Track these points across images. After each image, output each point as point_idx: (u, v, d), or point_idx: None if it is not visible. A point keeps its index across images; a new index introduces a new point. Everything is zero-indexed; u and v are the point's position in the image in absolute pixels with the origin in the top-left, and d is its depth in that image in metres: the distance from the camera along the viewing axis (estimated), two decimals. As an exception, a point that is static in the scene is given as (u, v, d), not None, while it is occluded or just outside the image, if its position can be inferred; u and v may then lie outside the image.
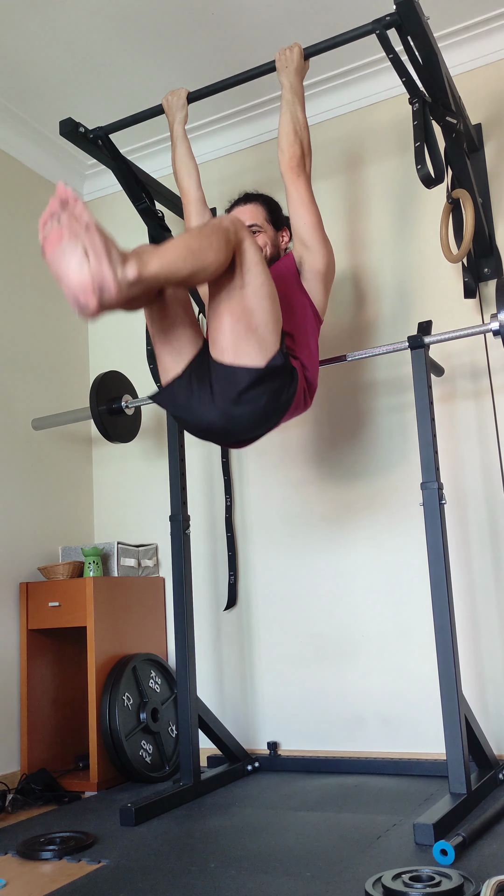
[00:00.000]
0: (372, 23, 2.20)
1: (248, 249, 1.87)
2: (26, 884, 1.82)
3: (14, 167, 3.26)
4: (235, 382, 1.90)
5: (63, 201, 1.53)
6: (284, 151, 2.28)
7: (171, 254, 1.65)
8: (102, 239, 1.50)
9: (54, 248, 1.51)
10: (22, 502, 3.05)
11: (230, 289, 1.87)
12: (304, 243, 2.27)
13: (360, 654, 2.83)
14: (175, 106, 2.53)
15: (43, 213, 1.54)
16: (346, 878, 1.70)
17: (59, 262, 1.51)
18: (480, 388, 2.75)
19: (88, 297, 1.50)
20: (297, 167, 2.27)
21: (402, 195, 2.99)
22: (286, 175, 2.28)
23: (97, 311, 1.52)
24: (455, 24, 2.81)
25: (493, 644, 2.63)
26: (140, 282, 1.56)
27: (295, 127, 2.28)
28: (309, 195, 2.27)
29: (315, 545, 2.96)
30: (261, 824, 2.15)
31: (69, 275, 1.50)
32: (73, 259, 1.49)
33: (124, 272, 1.52)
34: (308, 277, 2.27)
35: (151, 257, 1.60)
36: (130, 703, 2.80)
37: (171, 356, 1.99)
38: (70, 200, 1.52)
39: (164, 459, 3.13)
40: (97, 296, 1.50)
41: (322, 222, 2.29)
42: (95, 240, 1.50)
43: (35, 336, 3.25)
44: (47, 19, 2.68)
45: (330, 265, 2.30)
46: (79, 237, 1.50)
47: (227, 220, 1.84)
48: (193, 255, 1.71)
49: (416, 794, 2.36)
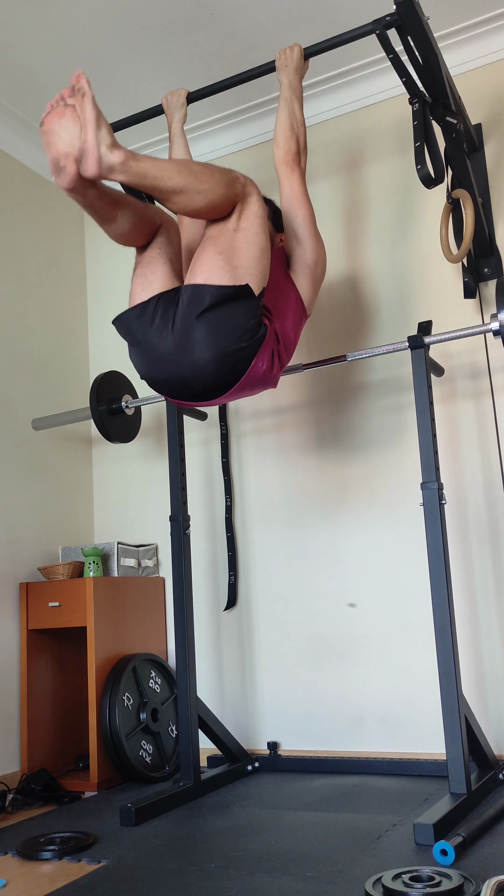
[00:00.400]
0: (372, 23, 2.20)
1: (254, 203, 1.87)
2: (26, 884, 1.82)
3: (14, 167, 3.26)
4: (200, 300, 1.81)
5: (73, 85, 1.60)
6: (280, 146, 2.28)
7: (166, 162, 1.70)
8: (96, 113, 1.58)
9: (53, 119, 1.60)
10: (22, 502, 3.05)
11: (222, 228, 1.86)
12: (296, 237, 2.24)
13: (361, 654, 2.83)
14: (174, 105, 2.54)
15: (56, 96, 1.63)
16: (347, 878, 1.70)
17: (53, 130, 1.60)
18: (480, 388, 2.75)
19: (68, 162, 1.57)
20: (292, 162, 2.26)
21: (402, 195, 2.99)
22: (280, 170, 2.27)
23: (74, 179, 1.59)
24: (455, 25, 2.81)
25: (493, 644, 2.63)
26: (125, 170, 1.62)
27: (292, 123, 2.28)
28: (302, 190, 2.26)
29: (315, 545, 2.96)
30: (261, 824, 2.15)
31: (57, 142, 1.59)
32: (66, 131, 1.58)
33: (110, 152, 1.59)
34: (296, 270, 2.24)
35: (145, 157, 1.66)
36: (130, 703, 2.80)
37: (142, 285, 1.93)
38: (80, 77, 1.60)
39: (164, 459, 3.13)
40: (77, 163, 1.57)
41: (315, 218, 2.27)
42: (88, 109, 1.57)
43: (35, 336, 3.25)
44: (47, 19, 2.68)
45: (319, 261, 2.27)
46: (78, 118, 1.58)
47: (242, 175, 1.85)
48: (190, 172, 1.73)
49: (416, 794, 2.36)
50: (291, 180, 2.25)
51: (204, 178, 1.75)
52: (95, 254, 3.59)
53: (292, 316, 2.17)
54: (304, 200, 2.25)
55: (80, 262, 3.60)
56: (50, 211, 3.44)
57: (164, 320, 1.87)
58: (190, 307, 1.83)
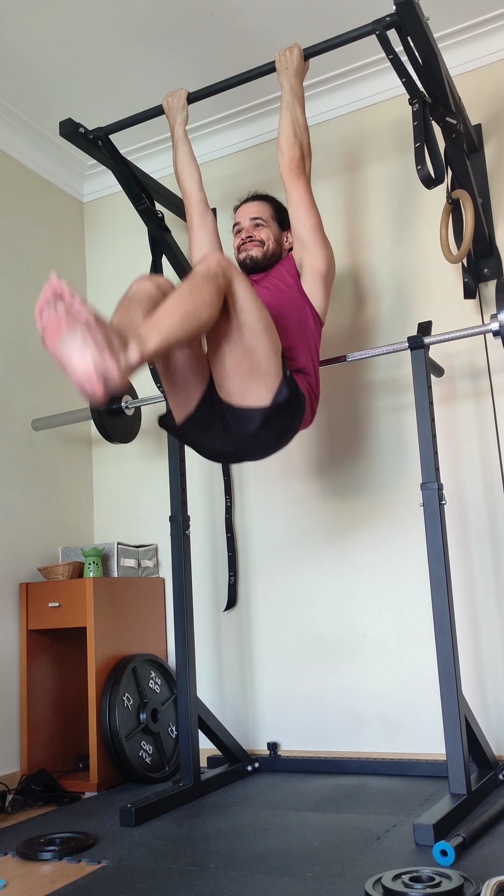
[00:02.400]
0: (372, 23, 2.20)
1: (239, 288, 1.88)
2: (26, 884, 1.82)
3: (14, 168, 3.26)
4: (249, 422, 1.96)
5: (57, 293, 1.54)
6: (284, 153, 2.29)
7: (167, 323, 1.68)
8: (103, 331, 1.53)
9: (55, 338, 1.53)
10: (22, 503, 3.05)
11: (227, 331, 1.90)
12: (304, 244, 2.28)
13: (360, 655, 2.83)
14: (175, 107, 2.54)
15: (39, 301, 1.55)
16: (346, 878, 1.70)
17: (62, 352, 1.53)
18: (480, 388, 2.75)
19: (94, 385, 1.52)
20: (297, 169, 2.27)
21: (402, 196, 2.99)
22: (286, 177, 2.29)
23: (104, 396, 1.55)
24: (455, 25, 2.81)
25: (493, 644, 2.63)
26: (143, 359, 1.61)
27: (295, 128, 2.29)
28: (309, 196, 2.28)
29: (315, 545, 2.96)
30: (261, 825, 2.15)
31: (73, 366, 1.52)
32: (75, 350, 1.52)
33: (127, 358, 1.56)
34: (308, 279, 2.28)
35: (150, 333, 1.63)
36: (130, 704, 2.80)
37: (181, 397, 2.03)
38: (65, 295, 1.53)
39: (164, 460, 3.13)
40: (102, 384, 1.52)
41: (322, 224, 2.29)
42: (96, 334, 1.52)
43: (35, 337, 3.25)
44: (47, 19, 2.68)
45: (330, 266, 2.31)
46: (77, 326, 1.52)
47: (214, 262, 1.84)
48: (189, 319, 1.73)
49: (416, 794, 2.36)
50: (298, 187, 2.27)
51: (201, 311, 1.76)
52: (95, 254, 3.59)
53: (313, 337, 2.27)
54: (311, 207, 2.28)
55: (80, 262, 3.60)
56: (50, 211, 3.44)
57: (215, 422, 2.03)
58: (242, 425, 1.98)
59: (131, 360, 1.57)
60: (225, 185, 3.28)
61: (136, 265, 3.38)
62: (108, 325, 1.56)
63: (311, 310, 2.27)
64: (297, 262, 2.31)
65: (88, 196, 3.64)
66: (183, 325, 1.71)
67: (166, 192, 3.01)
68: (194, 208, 2.50)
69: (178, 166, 2.53)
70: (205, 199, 2.51)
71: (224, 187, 3.27)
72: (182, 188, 2.53)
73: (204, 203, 2.51)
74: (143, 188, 2.81)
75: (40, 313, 1.55)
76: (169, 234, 2.93)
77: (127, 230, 3.45)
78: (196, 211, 2.49)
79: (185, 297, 1.75)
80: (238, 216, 2.49)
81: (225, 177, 3.31)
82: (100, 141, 2.64)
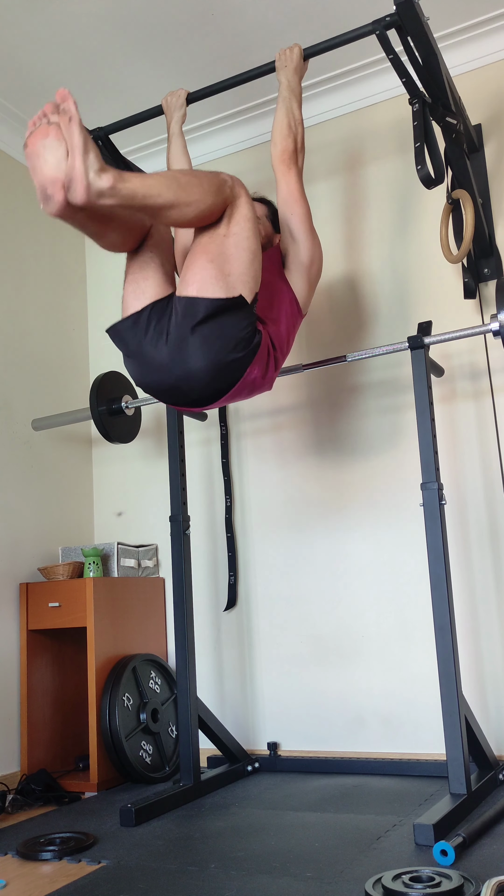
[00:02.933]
0: (372, 23, 2.20)
1: (243, 205, 1.84)
2: (26, 884, 1.82)
3: (14, 168, 3.26)
4: (193, 313, 1.82)
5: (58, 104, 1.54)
6: (277, 144, 2.27)
7: (153, 178, 1.65)
8: (83, 138, 1.52)
9: (37, 140, 1.54)
10: (22, 503, 3.05)
11: (213, 234, 1.84)
12: (292, 235, 2.24)
13: (361, 655, 2.83)
14: (174, 105, 2.54)
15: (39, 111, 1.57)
16: (347, 878, 1.70)
17: (38, 153, 1.53)
18: (480, 388, 2.75)
19: (56, 189, 1.52)
20: (290, 160, 2.26)
21: (401, 196, 2.99)
22: (278, 168, 2.27)
23: (62, 206, 1.54)
24: (455, 25, 2.81)
25: (493, 644, 2.63)
26: (113, 194, 1.57)
27: (290, 121, 2.28)
28: (299, 189, 2.26)
29: (315, 545, 2.96)
30: (261, 825, 2.15)
31: (43, 166, 1.53)
32: (51, 154, 1.51)
33: (98, 177, 1.54)
34: (291, 269, 2.24)
35: (132, 177, 1.61)
36: (130, 704, 2.80)
37: (134, 294, 1.92)
38: (66, 98, 1.53)
39: (164, 460, 3.13)
40: (64, 191, 1.52)
41: (311, 217, 2.26)
42: (76, 134, 1.51)
43: (35, 336, 3.25)
44: (47, 19, 2.68)
45: (315, 259, 2.26)
46: (63, 137, 1.52)
47: (229, 175, 1.82)
48: (178, 186, 1.69)
49: (416, 794, 2.36)
50: (288, 179, 2.25)
51: (192, 188, 1.72)
52: (95, 254, 3.59)
53: (286, 318, 2.17)
54: (301, 199, 2.25)
55: (80, 262, 3.60)
56: (50, 211, 3.44)
57: (158, 331, 1.87)
58: (184, 319, 1.83)
59: (102, 183, 1.54)
60: (225, 185, 3.28)
61: (136, 265, 3.38)
62: (92, 143, 1.54)
63: (290, 294, 2.21)
64: (282, 252, 2.28)
65: (88, 196, 3.63)
66: (168, 187, 1.66)
67: (166, 192, 3.00)
68: None
69: (171, 161, 2.52)
70: None
71: (224, 187, 3.26)
72: None
73: None
74: (143, 188, 2.81)
75: (33, 122, 1.55)
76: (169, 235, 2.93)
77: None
78: None
79: (184, 172, 1.75)
80: None
81: (225, 177, 3.31)
82: (100, 141, 2.64)
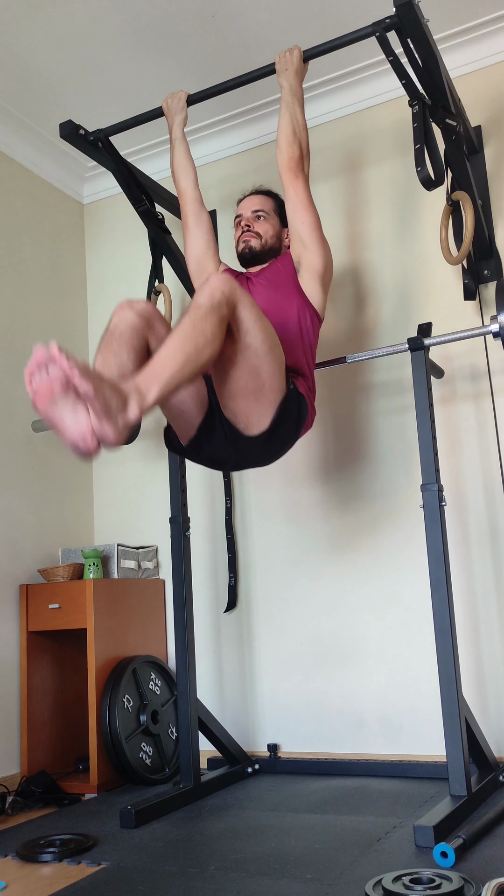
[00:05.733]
0: (372, 25, 2.20)
1: (244, 312, 1.81)
2: (26, 886, 1.82)
3: (14, 169, 3.26)
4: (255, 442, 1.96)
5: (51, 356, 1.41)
6: (283, 152, 2.29)
7: (169, 370, 1.59)
8: (99, 396, 1.42)
9: (46, 402, 1.43)
10: (22, 504, 3.05)
11: (232, 353, 1.84)
12: (303, 243, 2.28)
13: (361, 656, 2.83)
14: (175, 108, 2.54)
15: (28, 365, 1.43)
16: (347, 880, 1.70)
17: (54, 415, 1.44)
18: (480, 389, 2.75)
19: (89, 444, 1.45)
20: (296, 168, 2.28)
21: (402, 197, 2.99)
22: (284, 176, 2.29)
23: (99, 451, 1.48)
24: (455, 27, 2.82)
25: (493, 646, 2.63)
26: (144, 412, 1.52)
27: (294, 128, 2.29)
28: (307, 196, 2.28)
29: (315, 546, 2.96)
30: (261, 826, 2.15)
31: (67, 427, 1.45)
32: (68, 412, 1.43)
33: (126, 418, 1.47)
34: (305, 277, 2.28)
35: (150, 386, 1.54)
36: (130, 705, 2.80)
37: (183, 423, 2.02)
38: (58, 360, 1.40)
39: (164, 461, 3.13)
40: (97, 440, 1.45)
41: (320, 223, 2.30)
42: (93, 399, 1.42)
43: (35, 337, 3.25)
44: (48, 20, 2.68)
45: (328, 265, 2.31)
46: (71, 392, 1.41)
47: (217, 288, 1.75)
48: (192, 362, 1.63)
49: (417, 796, 2.36)
50: (296, 186, 2.28)
51: (203, 351, 1.66)
52: (95, 254, 3.59)
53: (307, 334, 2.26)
54: (310, 206, 2.28)
55: (80, 262, 3.60)
56: (50, 212, 3.44)
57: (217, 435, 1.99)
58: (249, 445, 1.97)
59: (130, 418, 1.48)
60: (225, 186, 3.28)
61: (136, 267, 3.38)
62: (103, 385, 1.45)
63: (310, 307, 2.27)
64: (294, 259, 2.31)
65: (88, 198, 3.64)
66: (184, 369, 1.61)
67: (166, 193, 3.01)
68: (189, 206, 2.49)
69: (175, 165, 2.53)
70: (200, 199, 2.51)
71: (224, 189, 3.27)
72: (178, 187, 2.53)
73: (199, 202, 2.50)
74: (143, 190, 2.82)
75: (30, 377, 1.43)
76: (169, 236, 2.93)
77: (127, 232, 3.45)
78: (191, 209, 2.49)
79: (187, 337, 1.65)
80: (240, 208, 2.49)
81: (225, 178, 3.32)
82: (100, 143, 2.65)
